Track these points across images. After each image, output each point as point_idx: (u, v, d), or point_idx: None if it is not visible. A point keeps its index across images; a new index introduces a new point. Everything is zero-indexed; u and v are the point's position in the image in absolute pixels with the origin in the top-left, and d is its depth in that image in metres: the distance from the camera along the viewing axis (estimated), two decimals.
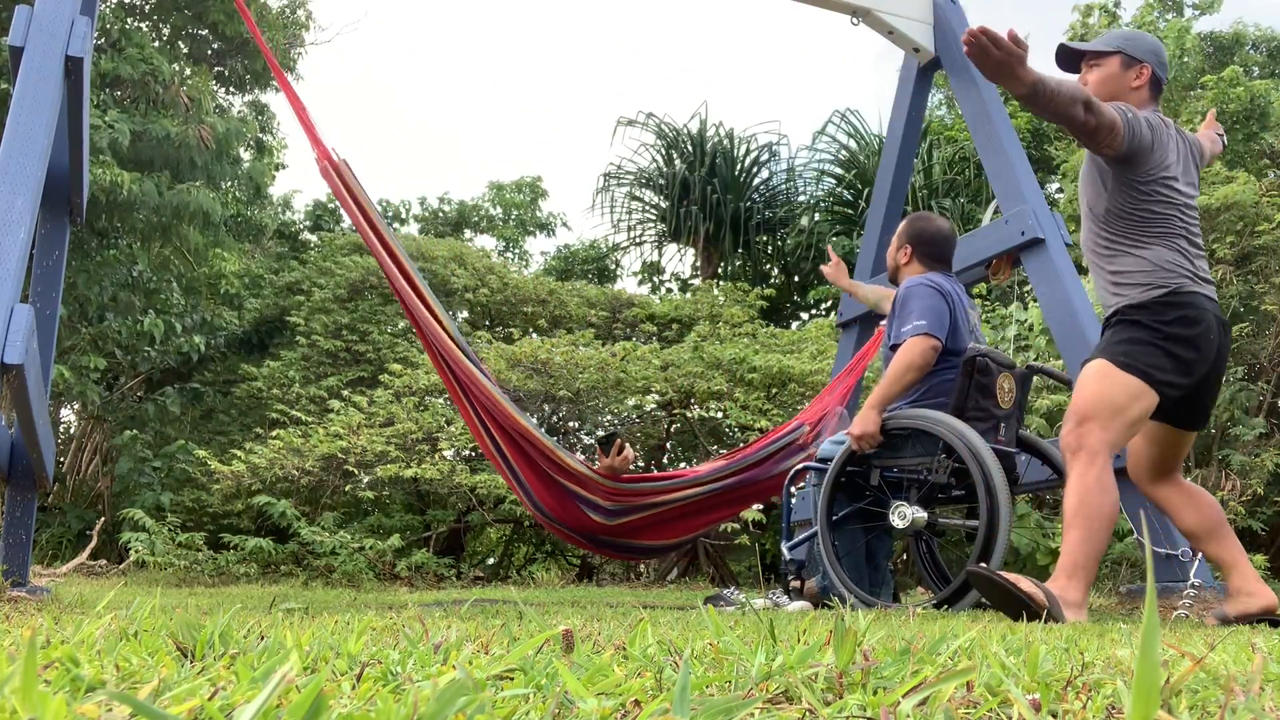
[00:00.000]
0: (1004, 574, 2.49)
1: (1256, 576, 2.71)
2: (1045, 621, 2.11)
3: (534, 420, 4.24)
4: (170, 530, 6.54)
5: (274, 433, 7.33)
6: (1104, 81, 2.84)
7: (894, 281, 3.62)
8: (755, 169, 13.20)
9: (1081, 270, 8.53)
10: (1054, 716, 0.71)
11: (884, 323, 4.21)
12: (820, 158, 13.20)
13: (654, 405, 8.01)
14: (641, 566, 8.72)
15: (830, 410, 4.34)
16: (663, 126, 13.22)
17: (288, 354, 9.20)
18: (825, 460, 3.52)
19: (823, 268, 4.33)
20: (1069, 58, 2.97)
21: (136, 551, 6.38)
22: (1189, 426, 2.86)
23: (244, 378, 9.17)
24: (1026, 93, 2.46)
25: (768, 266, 13.31)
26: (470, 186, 42.12)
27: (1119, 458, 3.68)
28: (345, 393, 7.84)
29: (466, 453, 7.74)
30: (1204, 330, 2.66)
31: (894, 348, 3.32)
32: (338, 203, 4.11)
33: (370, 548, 6.20)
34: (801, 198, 13.21)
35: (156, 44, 8.82)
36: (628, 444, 4.23)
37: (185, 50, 9.33)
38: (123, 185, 7.38)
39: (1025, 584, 2.44)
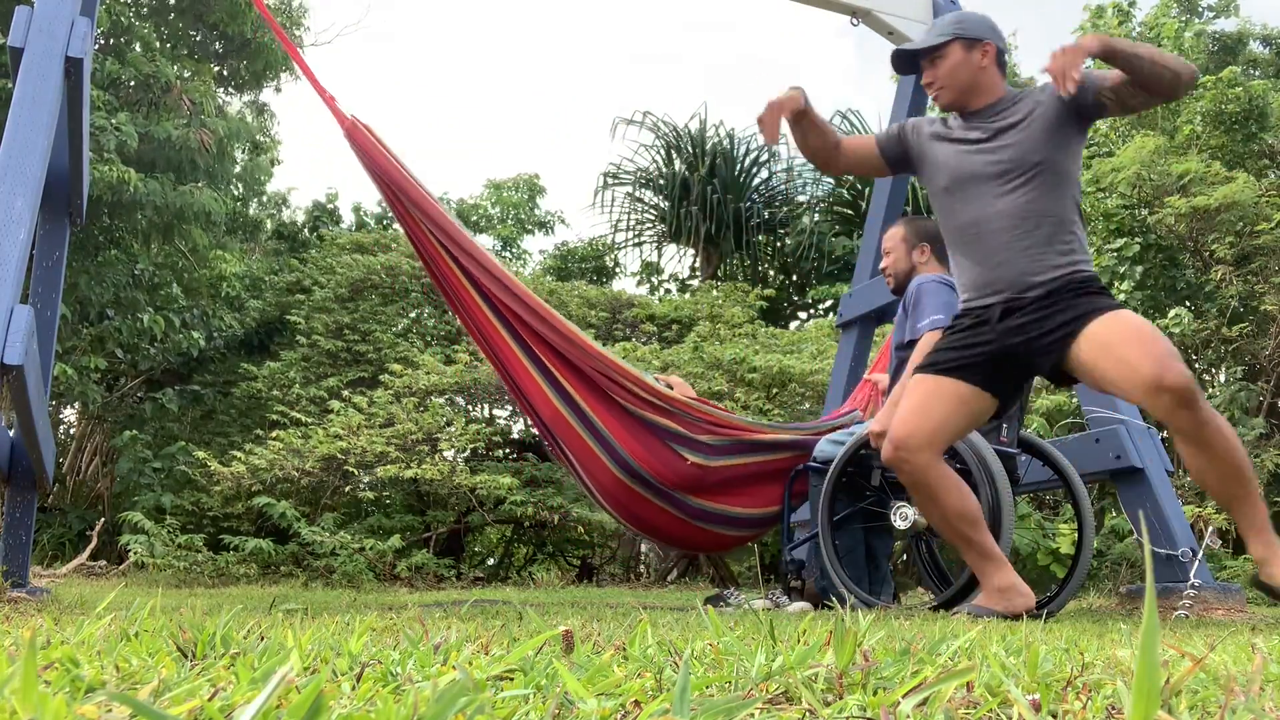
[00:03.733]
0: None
1: None
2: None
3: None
4: (170, 532, 6.53)
5: (274, 433, 7.32)
6: (953, 72, 2.76)
7: (901, 285, 3.53)
8: (755, 169, 13.18)
9: None
10: (1054, 717, 0.71)
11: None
12: None
13: None
14: (641, 567, 8.72)
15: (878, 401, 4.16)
16: (662, 126, 13.22)
17: (288, 354, 9.19)
18: (825, 461, 3.51)
19: None
20: (905, 61, 2.89)
21: (136, 553, 6.37)
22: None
23: (244, 377, 9.16)
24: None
25: (767, 267, 13.30)
26: (469, 186, 42.05)
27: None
28: (345, 393, 7.83)
29: (466, 453, 7.74)
30: None
31: (909, 344, 3.27)
32: (363, 168, 3.91)
33: (370, 548, 6.19)
34: (801, 198, 13.19)
35: (158, 44, 8.82)
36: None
37: (186, 52, 9.33)
38: (130, 183, 7.38)
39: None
